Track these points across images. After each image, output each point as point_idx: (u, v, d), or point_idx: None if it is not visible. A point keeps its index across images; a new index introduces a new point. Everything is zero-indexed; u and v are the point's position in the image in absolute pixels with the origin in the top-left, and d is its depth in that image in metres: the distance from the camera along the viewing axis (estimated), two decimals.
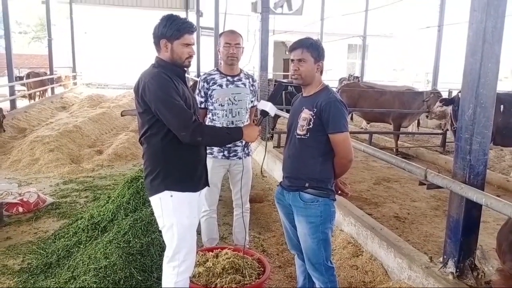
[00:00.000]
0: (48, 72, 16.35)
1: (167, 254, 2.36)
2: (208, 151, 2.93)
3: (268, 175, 6.15)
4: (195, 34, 2.36)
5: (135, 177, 3.91)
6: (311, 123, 2.35)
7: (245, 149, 3.27)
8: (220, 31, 14.42)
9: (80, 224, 3.75)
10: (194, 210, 2.41)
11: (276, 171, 5.97)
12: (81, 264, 3.11)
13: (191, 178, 2.36)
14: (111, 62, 25.98)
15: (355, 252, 3.55)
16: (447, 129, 7.86)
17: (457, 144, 2.55)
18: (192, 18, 20.13)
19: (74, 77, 20.40)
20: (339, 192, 2.58)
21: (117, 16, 29.38)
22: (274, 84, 9.64)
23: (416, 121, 9.45)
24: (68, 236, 3.65)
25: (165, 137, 2.23)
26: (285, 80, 14.26)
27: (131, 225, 3.33)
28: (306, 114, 2.37)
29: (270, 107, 2.43)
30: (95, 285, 2.81)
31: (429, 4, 14.70)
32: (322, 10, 19.73)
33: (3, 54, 16.70)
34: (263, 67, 7.71)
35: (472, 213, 2.56)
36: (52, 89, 15.74)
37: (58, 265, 3.27)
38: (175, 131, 2.18)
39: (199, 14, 18.80)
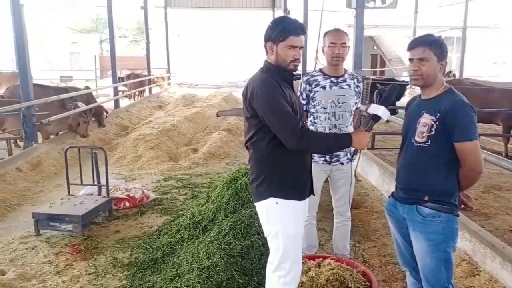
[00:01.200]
0: (146, 73, 17.54)
1: (272, 262, 2.30)
2: None
3: (363, 179, 5.87)
4: (303, 37, 2.26)
5: (234, 178, 3.94)
6: (432, 129, 2.12)
7: (348, 154, 3.10)
8: (309, 28, 14.27)
9: (182, 222, 3.88)
10: (300, 218, 2.33)
11: (371, 175, 5.67)
12: (184, 262, 3.20)
13: (297, 186, 2.30)
14: (201, 62, 27.18)
15: (471, 271, 3.19)
16: None
17: None
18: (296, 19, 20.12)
19: (169, 78, 21.66)
20: (462, 206, 2.31)
21: (207, 18, 30.64)
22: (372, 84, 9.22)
23: None
24: (171, 233, 3.79)
25: (272, 142, 2.20)
26: (373, 77, 13.65)
27: (231, 226, 3.35)
28: (426, 119, 2.15)
29: (383, 112, 2.24)
30: (199, 285, 2.87)
31: None
32: (416, 2, 18.53)
33: (108, 57, 18.34)
34: (357, 65, 7.41)
35: None
36: (150, 89, 16.86)
37: (163, 261, 3.41)
38: (281, 137, 2.13)
39: (286, 12, 18.77)
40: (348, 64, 3.92)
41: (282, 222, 2.23)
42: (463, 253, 3.46)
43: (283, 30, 2.18)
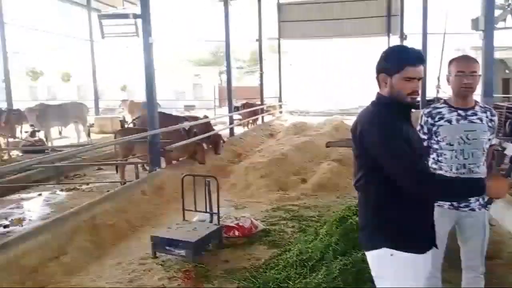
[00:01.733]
0: (259, 102, 18.23)
1: None
2: None
3: (497, 223, 5.09)
4: (422, 67, 2.02)
5: (344, 216, 3.74)
6: None
7: (481, 199, 2.67)
8: (429, 53, 13.36)
9: (289, 258, 3.78)
10: (420, 275, 2.02)
11: (508, 220, 4.88)
12: None
13: (416, 236, 2.00)
14: (312, 90, 27.41)
15: None
16: None
17: None
18: (394, 42, 19.41)
19: (280, 106, 22.21)
20: None
21: (319, 46, 30.98)
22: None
23: None
24: (278, 269, 3.70)
25: (385, 185, 1.94)
26: (506, 104, 12.07)
27: (341, 270, 3.14)
28: None
29: None
30: None
31: None
32: None
33: (224, 88, 19.56)
34: (487, 93, 6.63)
35: None
36: (262, 117, 17.44)
37: None
38: (397, 180, 1.88)
39: (402, 37, 17.98)
40: (477, 92, 3.48)
41: (397, 278, 1.96)
42: None
43: (399, 60, 1.96)
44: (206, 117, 10.51)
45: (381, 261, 2.00)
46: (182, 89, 38.26)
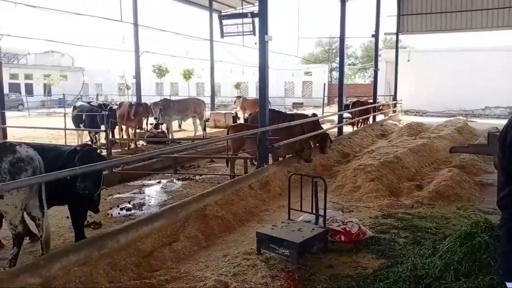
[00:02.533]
0: (371, 100, 17.39)
1: None
2: None
3: None
4: None
5: (470, 232, 3.27)
6: None
7: None
8: None
9: (402, 272, 3.44)
10: None
11: None
12: None
13: None
14: (431, 88, 25.25)
15: None
16: None
17: None
18: None
19: (394, 105, 20.93)
20: None
21: (441, 40, 28.42)
22: None
23: None
24: (388, 282, 3.40)
25: None
26: None
27: None
28: None
29: None
30: None
31: None
32: None
33: (336, 85, 19.09)
34: None
35: None
36: (374, 116, 16.62)
37: None
38: None
39: None
40: None
41: None
42: None
43: None
44: (314, 115, 10.30)
45: None
46: (291, 86, 38.52)
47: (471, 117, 21.58)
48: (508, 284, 1.76)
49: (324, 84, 25.30)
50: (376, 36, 17.55)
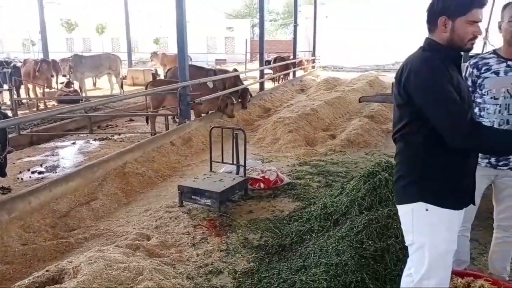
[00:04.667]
0: (292, 56, 17.74)
1: (412, 275, 1.97)
2: None
3: None
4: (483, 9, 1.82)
5: (372, 171, 3.61)
6: None
7: None
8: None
9: (313, 211, 3.73)
10: (454, 231, 1.93)
11: None
12: (312, 255, 3.06)
13: (455, 192, 1.89)
14: (347, 44, 26.35)
15: None
16: None
17: None
18: None
19: (313, 61, 21.57)
20: None
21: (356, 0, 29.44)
22: None
23: None
24: (302, 221, 3.68)
25: (429, 137, 1.82)
26: None
27: (365, 224, 3.06)
28: None
29: None
30: (325, 283, 2.70)
31: None
32: None
33: (257, 41, 19.06)
34: None
35: None
36: (294, 72, 17.03)
37: (290, 249, 3.33)
38: (443, 132, 1.74)
39: None
40: None
41: (431, 233, 1.87)
42: None
43: (464, 2, 1.78)
44: (235, 70, 10.32)
45: (416, 215, 1.90)
46: (214, 43, 37.77)
47: (382, 72, 23.03)
48: (399, 207, 2.02)
49: (246, 40, 25.15)
50: None
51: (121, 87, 13.96)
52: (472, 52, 2.28)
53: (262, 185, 4.78)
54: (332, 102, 9.57)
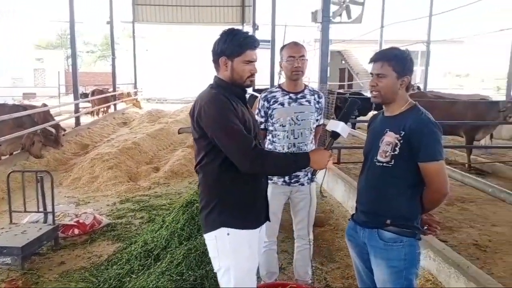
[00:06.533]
0: (111, 89, 17.04)
1: None
2: None
3: (329, 195, 5.72)
4: (257, 50, 2.09)
5: (190, 201, 3.70)
6: (396, 148, 1.97)
7: (309, 174, 2.91)
8: (277, 43, 14.28)
9: (134, 250, 3.58)
10: (255, 250, 2.10)
11: (337, 191, 5.52)
12: None
13: (251, 213, 2.07)
14: (170, 77, 26.85)
15: None
16: None
17: None
18: (248, 31, 20.24)
19: (135, 93, 21.17)
20: (425, 228, 2.15)
21: (177, 32, 30.39)
22: (339, 99, 9.14)
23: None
24: (121, 263, 3.48)
25: (222, 165, 1.97)
26: (341, 90, 13.76)
27: (184, 254, 3.10)
28: (390, 137, 2.00)
29: (342, 128, 2.07)
30: None
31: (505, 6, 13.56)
32: (382, 17, 18.96)
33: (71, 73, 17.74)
34: (323, 79, 7.32)
35: None
36: (115, 105, 16.36)
37: None
38: (233, 159, 1.91)
39: (255, 27, 18.85)
40: (315, 78, 3.78)
41: (235, 255, 2.00)
42: (428, 272, 3.33)
43: (240, 44, 1.99)
44: (44, 105, 9.32)
45: (219, 241, 2.01)
46: (21, 75, 33.40)
47: None
48: (206, 236, 2.09)
49: (59, 72, 23.12)
50: (111, 23, 17.16)
51: None
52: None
53: (76, 231, 4.34)
54: (155, 134, 9.52)
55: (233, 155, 1.91)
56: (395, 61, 1.99)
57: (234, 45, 1.99)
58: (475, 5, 11.76)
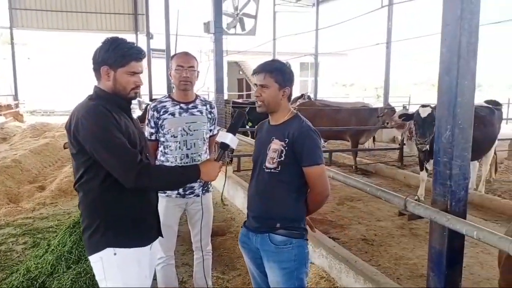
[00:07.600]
0: None
1: None
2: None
3: (230, 203, 5.78)
4: (144, 61, 2.03)
5: (78, 221, 3.42)
6: (282, 155, 2.08)
7: (204, 185, 2.91)
8: (172, 53, 14.12)
9: (14, 280, 3.20)
10: (145, 269, 2.00)
11: (238, 199, 5.62)
12: None
13: (139, 230, 1.97)
14: (57, 87, 24.80)
15: None
16: (404, 144, 7.91)
17: (436, 168, 2.34)
18: (142, 40, 19.68)
19: (17, 105, 19.12)
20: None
21: (64, 40, 28.26)
22: (234, 111, 9.31)
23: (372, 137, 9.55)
24: None
25: (104, 182, 1.85)
26: (239, 100, 14.10)
27: (73, 279, 2.87)
28: (276, 145, 2.10)
29: (230, 139, 2.11)
30: None
31: (379, 22, 15.25)
32: (274, 30, 19.97)
33: None
34: (219, 89, 7.43)
35: (455, 243, 2.34)
36: None
37: None
38: (116, 175, 1.80)
39: (149, 36, 18.43)
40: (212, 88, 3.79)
41: (123, 275, 1.89)
42: (321, 270, 3.54)
43: (124, 55, 1.89)
44: None
45: (105, 263, 1.88)
46: None
47: None
48: (91, 258, 1.95)
49: None
50: None
51: None
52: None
53: None
54: (39, 150, 8.66)
55: (116, 171, 1.80)
56: (276, 73, 2.11)
57: (117, 55, 1.89)
58: (355, 20, 13.02)
